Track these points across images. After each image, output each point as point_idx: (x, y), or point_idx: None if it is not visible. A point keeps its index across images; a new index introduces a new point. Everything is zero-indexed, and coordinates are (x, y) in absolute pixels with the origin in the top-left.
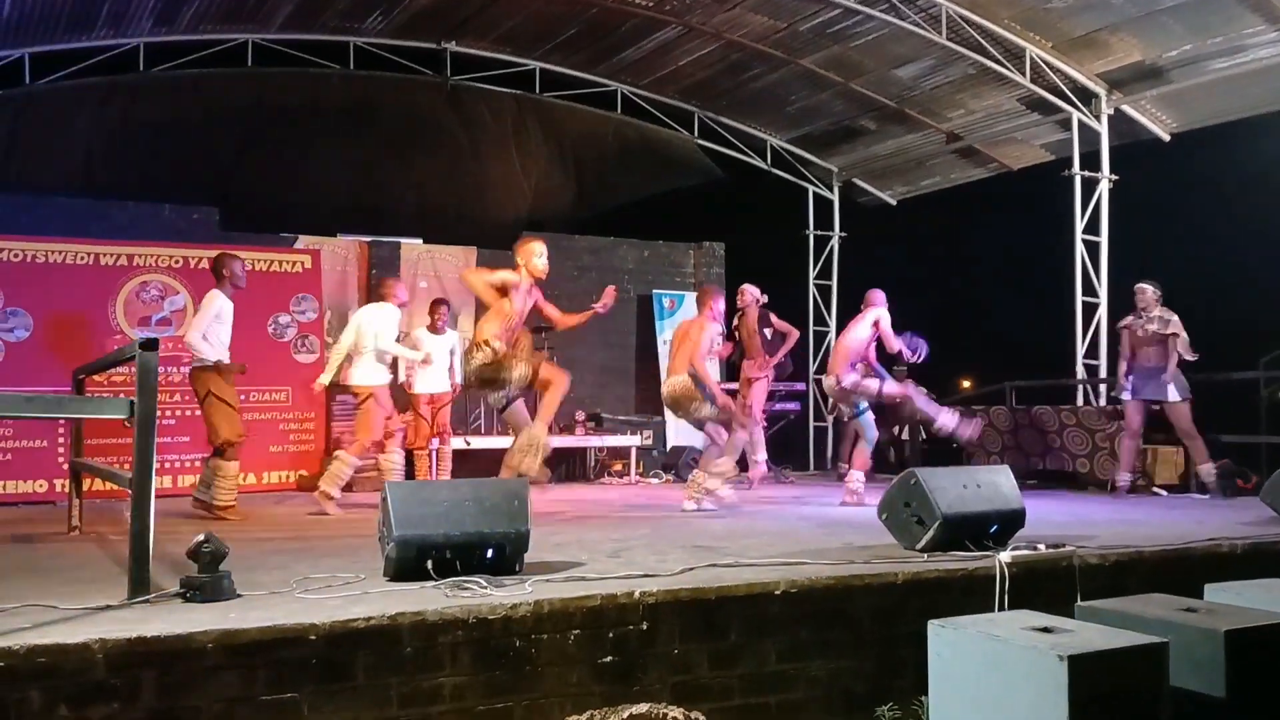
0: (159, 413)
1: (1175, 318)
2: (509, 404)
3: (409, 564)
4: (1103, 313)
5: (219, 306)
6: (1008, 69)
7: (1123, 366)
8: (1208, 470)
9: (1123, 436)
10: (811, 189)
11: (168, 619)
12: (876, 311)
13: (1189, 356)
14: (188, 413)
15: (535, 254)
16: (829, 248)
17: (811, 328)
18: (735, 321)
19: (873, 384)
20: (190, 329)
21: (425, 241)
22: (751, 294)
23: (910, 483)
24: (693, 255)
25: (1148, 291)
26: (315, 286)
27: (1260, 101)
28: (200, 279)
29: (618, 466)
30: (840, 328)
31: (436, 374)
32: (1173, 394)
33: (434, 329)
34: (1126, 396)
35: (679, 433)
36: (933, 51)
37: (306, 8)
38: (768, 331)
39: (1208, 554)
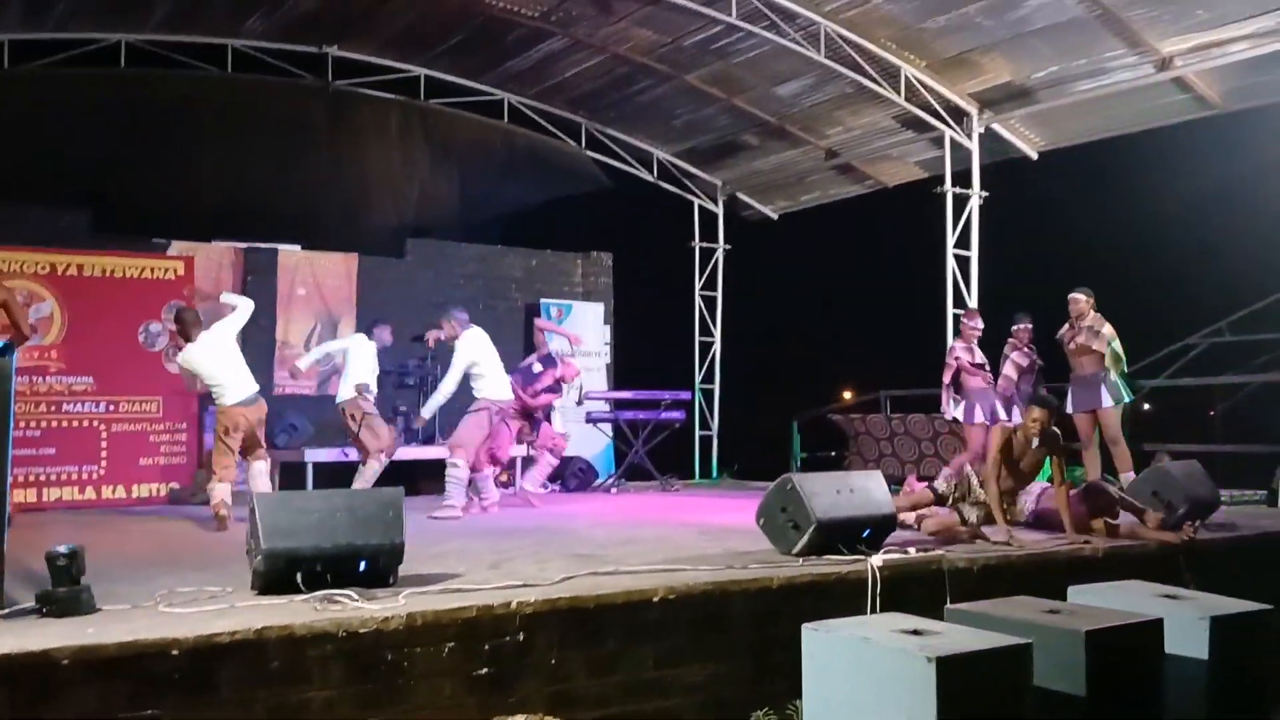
0: (21, 423)
1: (1107, 327)
2: None
3: (278, 577)
4: None
5: None
6: (884, 88)
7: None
8: (1127, 479)
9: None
10: (697, 202)
11: (22, 634)
12: None
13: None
14: (54, 424)
15: None
16: (714, 259)
17: (697, 338)
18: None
19: None
20: None
21: (305, 248)
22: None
23: (786, 488)
24: (580, 265)
25: (1080, 300)
26: (188, 294)
27: (1122, 122)
28: (68, 286)
29: (503, 477)
30: (725, 337)
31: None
32: (1105, 399)
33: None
34: (1069, 410)
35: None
36: (812, 69)
37: (183, 8)
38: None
39: (1071, 558)
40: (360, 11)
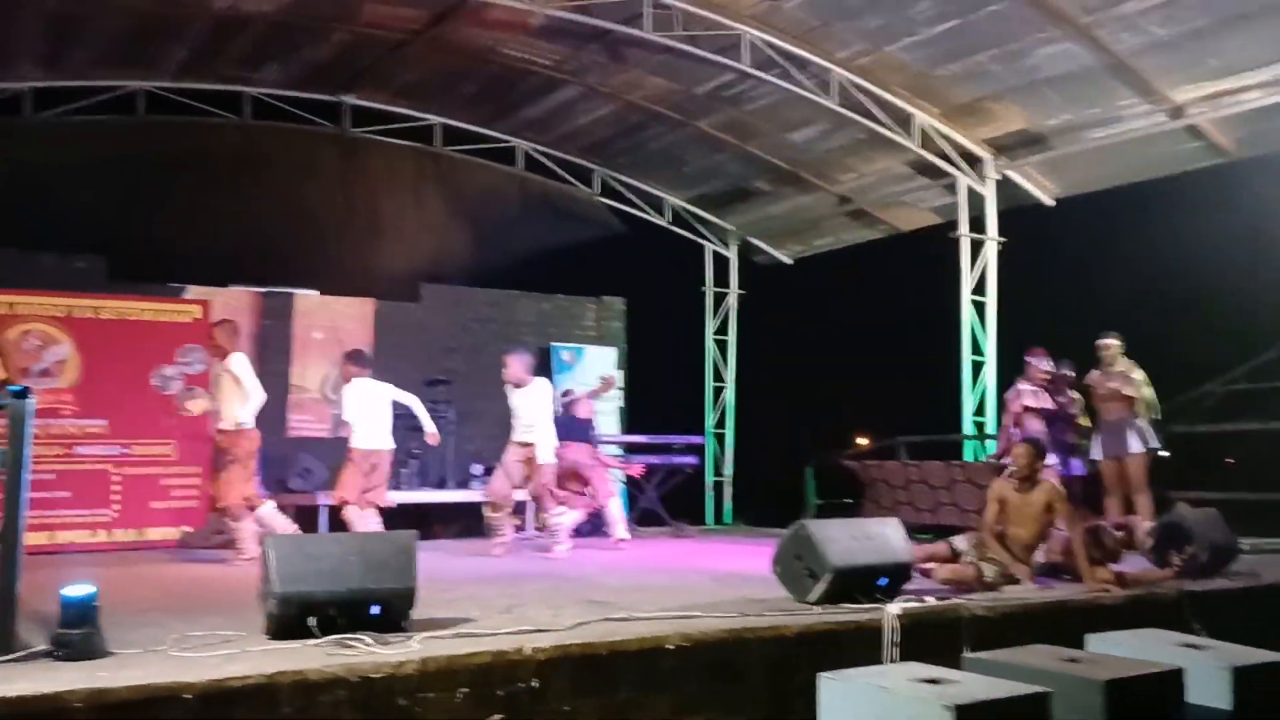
0: (35, 465)
1: (1139, 373)
2: None
3: (291, 621)
4: (989, 371)
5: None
6: (897, 134)
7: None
8: (1145, 529)
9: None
10: (710, 247)
11: (34, 678)
12: None
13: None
14: (67, 467)
15: None
16: (727, 304)
17: (709, 383)
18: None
19: None
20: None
21: (321, 293)
22: None
23: (801, 534)
24: (593, 309)
25: (1111, 345)
26: (204, 337)
27: (1136, 169)
28: (84, 329)
29: (516, 521)
30: (738, 382)
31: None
32: (1133, 444)
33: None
34: (1096, 456)
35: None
36: (825, 116)
37: (201, 56)
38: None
39: (1089, 606)
40: (376, 60)
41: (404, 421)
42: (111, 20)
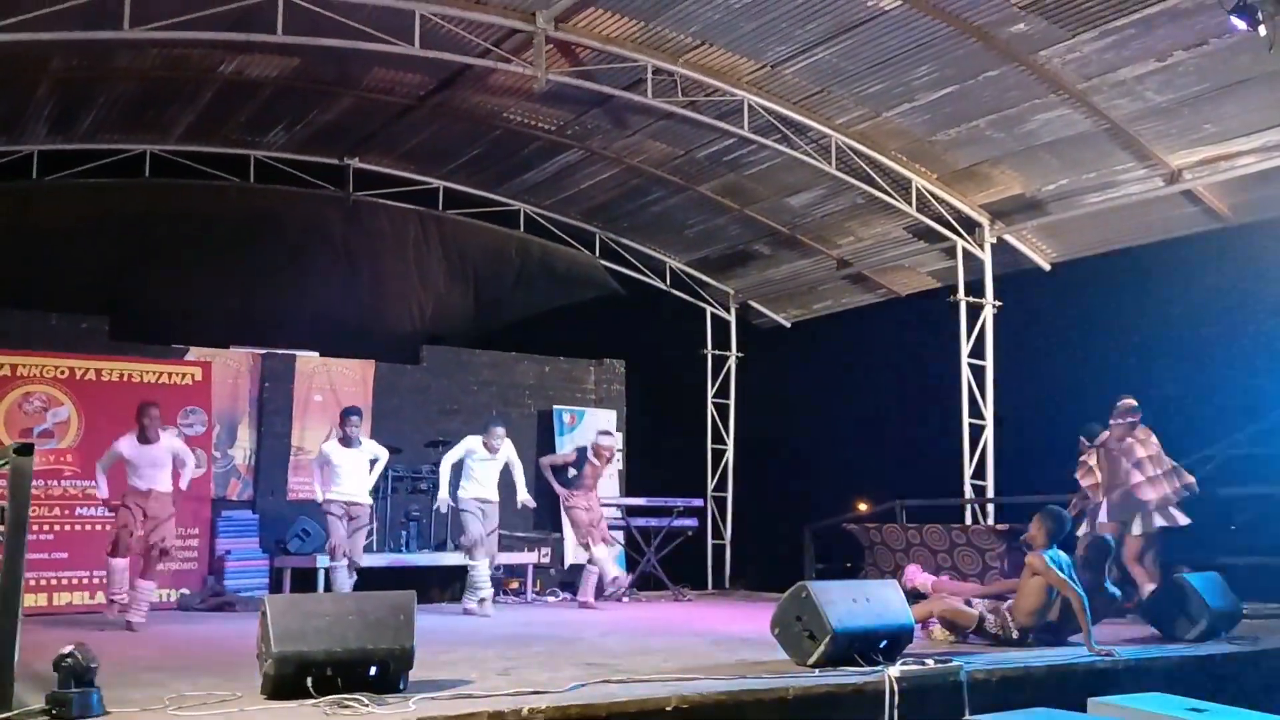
0: (35, 526)
1: (1152, 438)
2: None
3: (288, 681)
4: (989, 434)
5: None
6: (895, 198)
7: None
8: (1149, 590)
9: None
10: (710, 309)
11: None
12: None
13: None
14: (66, 528)
15: None
16: (727, 367)
17: (710, 445)
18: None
19: None
20: None
21: (321, 354)
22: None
23: (802, 596)
24: (593, 371)
25: (1130, 405)
26: (205, 399)
27: (1133, 234)
28: (86, 390)
29: (514, 585)
30: (738, 445)
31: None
32: (1136, 526)
33: (345, 441)
34: (1103, 519)
35: (577, 550)
36: (824, 181)
37: (207, 120)
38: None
39: (1091, 669)
40: (380, 124)
41: (405, 484)
42: (120, 85)
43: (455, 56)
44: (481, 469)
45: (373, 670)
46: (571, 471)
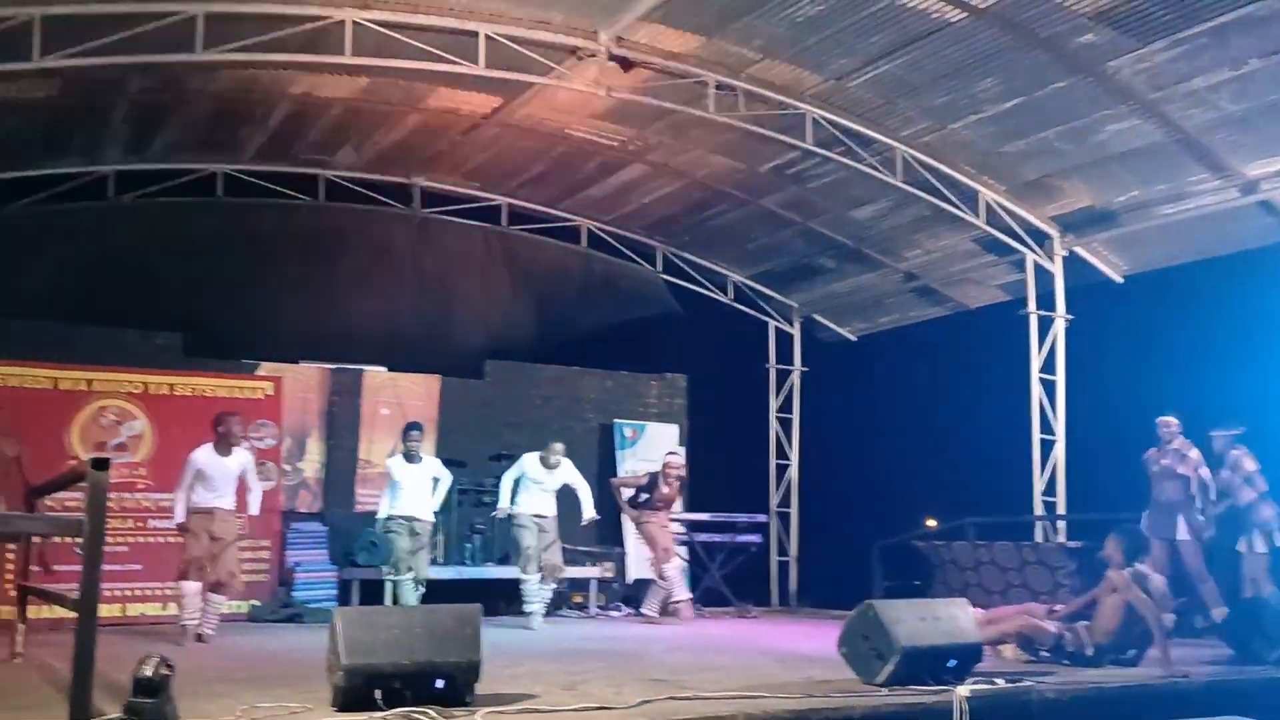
0: (109, 539)
1: (1195, 452)
2: None
3: (357, 693)
4: (1059, 450)
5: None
6: (962, 211)
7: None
8: (1220, 614)
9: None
10: (773, 323)
11: None
12: None
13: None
14: (140, 540)
15: None
16: (790, 382)
17: (773, 460)
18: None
19: None
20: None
21: (389, 369)
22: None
23: (869, 615)
24: (655, 386)
25: (1172, 424)
26: (275, 413)
27: (1207, 245)
28: (159, 405)
29: (577, 599)
30: (802, 460)
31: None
32: (1181, 530)
33: (408, 456)
34: (1147, 533)
35: (640, 565)
36: (889, 193)
37: (278, 140)
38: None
39: (1166, 691)
40: (447, 144)
41: (470, 497)
42: (194, 107)
43: (519, 76)
44: (539, 485)
45: (440, 683)
46: (643, 496)
